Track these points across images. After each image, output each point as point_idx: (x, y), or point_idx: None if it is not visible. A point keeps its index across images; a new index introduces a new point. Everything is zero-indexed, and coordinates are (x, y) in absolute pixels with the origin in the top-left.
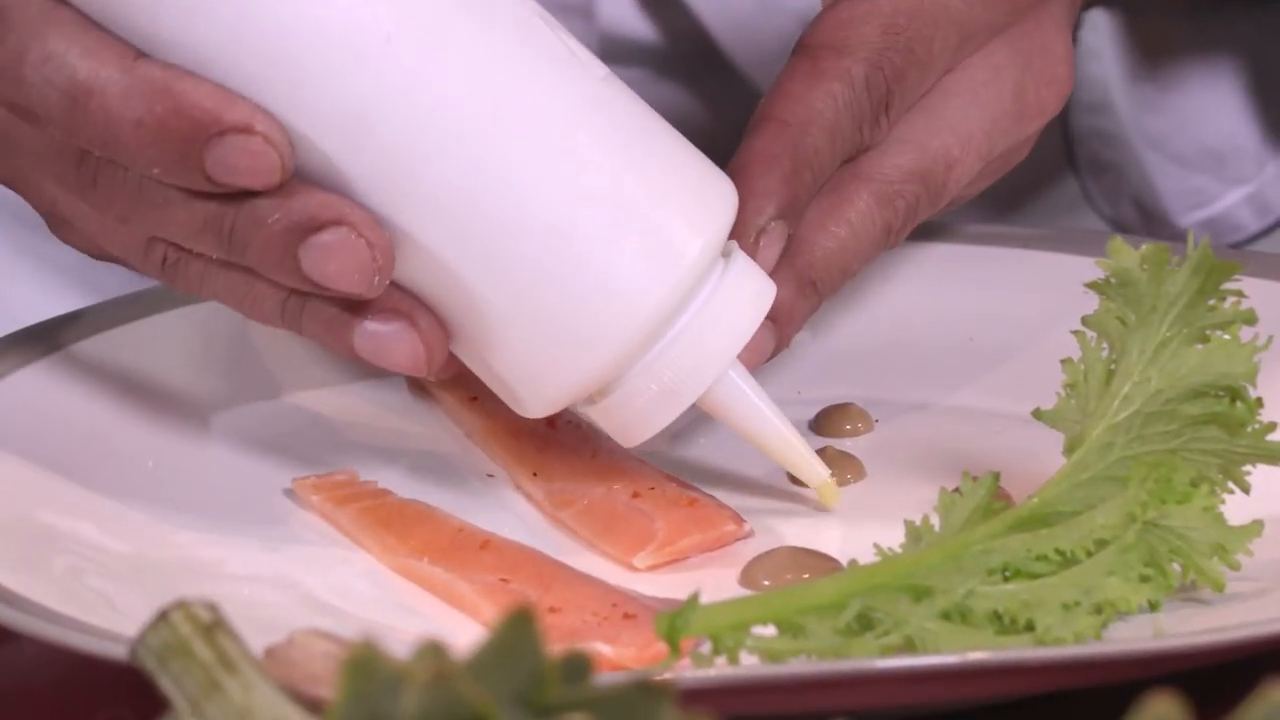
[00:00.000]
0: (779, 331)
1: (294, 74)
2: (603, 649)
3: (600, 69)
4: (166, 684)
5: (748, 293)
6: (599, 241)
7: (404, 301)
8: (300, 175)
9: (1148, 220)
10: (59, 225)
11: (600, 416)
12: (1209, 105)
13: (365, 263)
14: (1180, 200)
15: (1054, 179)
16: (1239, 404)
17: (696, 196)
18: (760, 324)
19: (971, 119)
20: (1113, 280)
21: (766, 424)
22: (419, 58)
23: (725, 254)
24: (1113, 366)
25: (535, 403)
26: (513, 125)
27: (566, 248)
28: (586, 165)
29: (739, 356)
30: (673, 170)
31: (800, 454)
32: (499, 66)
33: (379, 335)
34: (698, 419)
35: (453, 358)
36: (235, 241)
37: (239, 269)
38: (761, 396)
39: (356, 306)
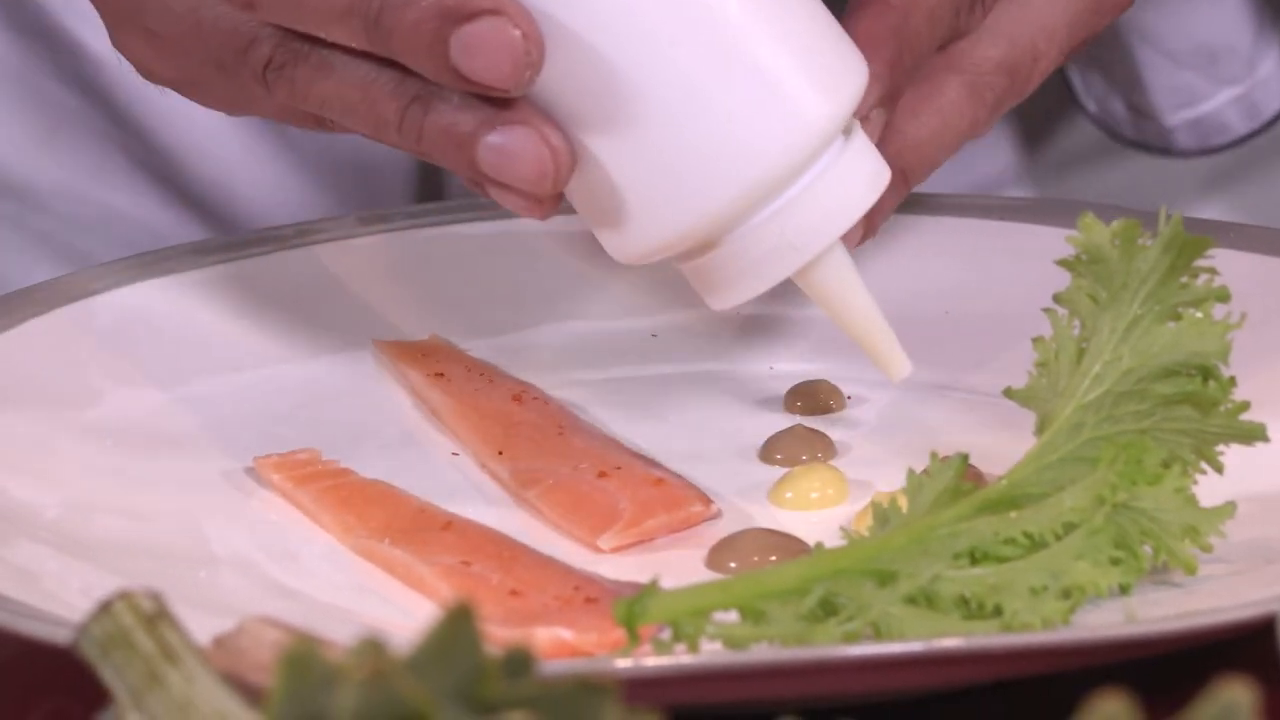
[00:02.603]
0: (868, 220)
1: None
2: (563, 633)
3: None
4: (109, 675)
5: (867, 169)
6: (734, 90)
7: (535, 116)
8: None
9: (1137, 118)
10: (124, 28)
11: (703, 271)
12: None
13: (518, 55)
14: (1169, 97)
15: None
16: (1211, 383)
17: (832, 65)
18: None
19: (1057, 12)
20: (1084, 257)
21: (862, 302)
22: None
23: (847, 131)
24: (1084, 345)
25: (642, 245)
26: None
27: (701, 90)
28: (736, 20)
29: None
30: (813, 36)
31: (887, 341)
32: None
33: (506, 147)
34: (662, 390)
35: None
36: (381, 25)
37: (364, 66)
38: (858, 277)
39: (483, 117)
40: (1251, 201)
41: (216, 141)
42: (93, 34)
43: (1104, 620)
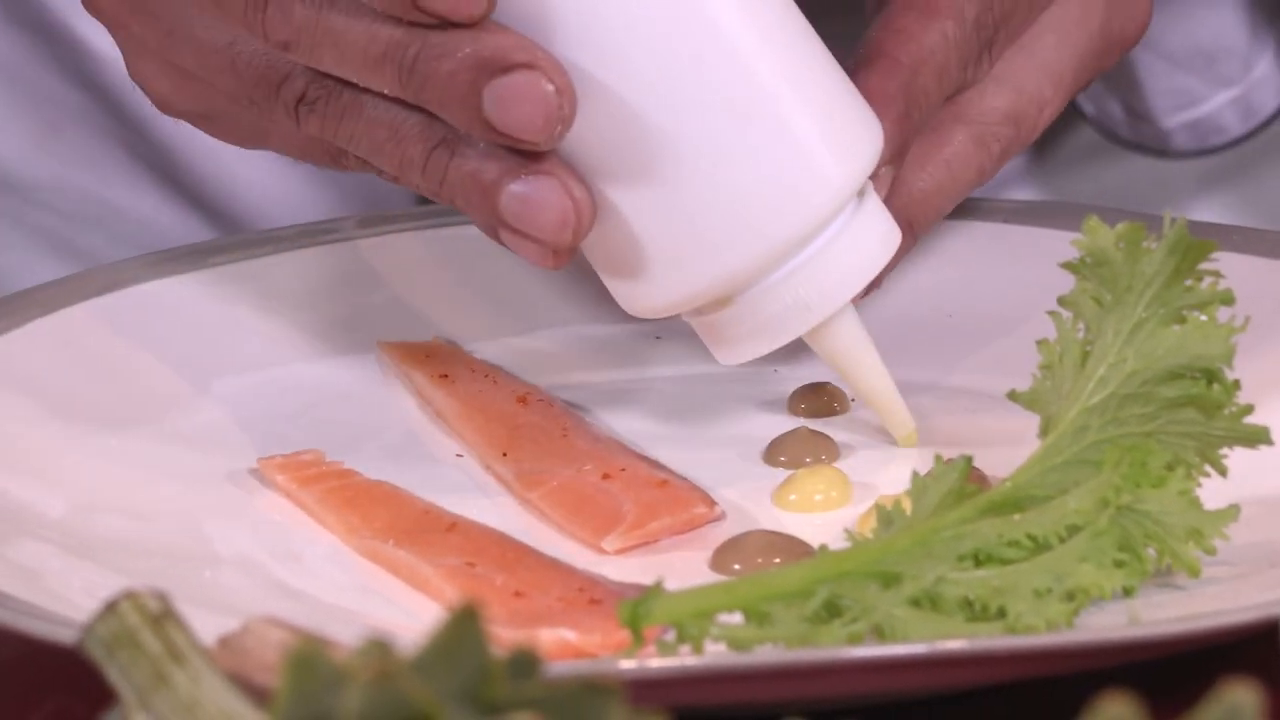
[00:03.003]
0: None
1: None
2: (567, 635)
3: None
4: (114, 675)
5: (879, 230)
6: (756, 153)
7: (559, 167)
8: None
9: (1134, 120)
10: (145, 58)
11: (715, 327)
12: (1202, 2)
13: (551, 110)
14: (1167, 100)
15: None
16: (1216, 386)
17: (849, 129)
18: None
19: (1064, 58)
20: (1088, 260)
21: (871, 362)
22: None
23: (861, 193)
24: (1088, 348)
25: (657, 300)
26: (698, 28)
27: (724, 151)
28: (760, 82)
29: None
30: (832, 99)
31: (894, 401)
32: None
33: (529, 197)
34: (666, 392)
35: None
36: (416, 73)
37: (394, 108)
38: (868, 336)
39: (508, 166)
40: (1247, 202)
41: (218, 141)
42: (94, 30)
43: (1108, 623)
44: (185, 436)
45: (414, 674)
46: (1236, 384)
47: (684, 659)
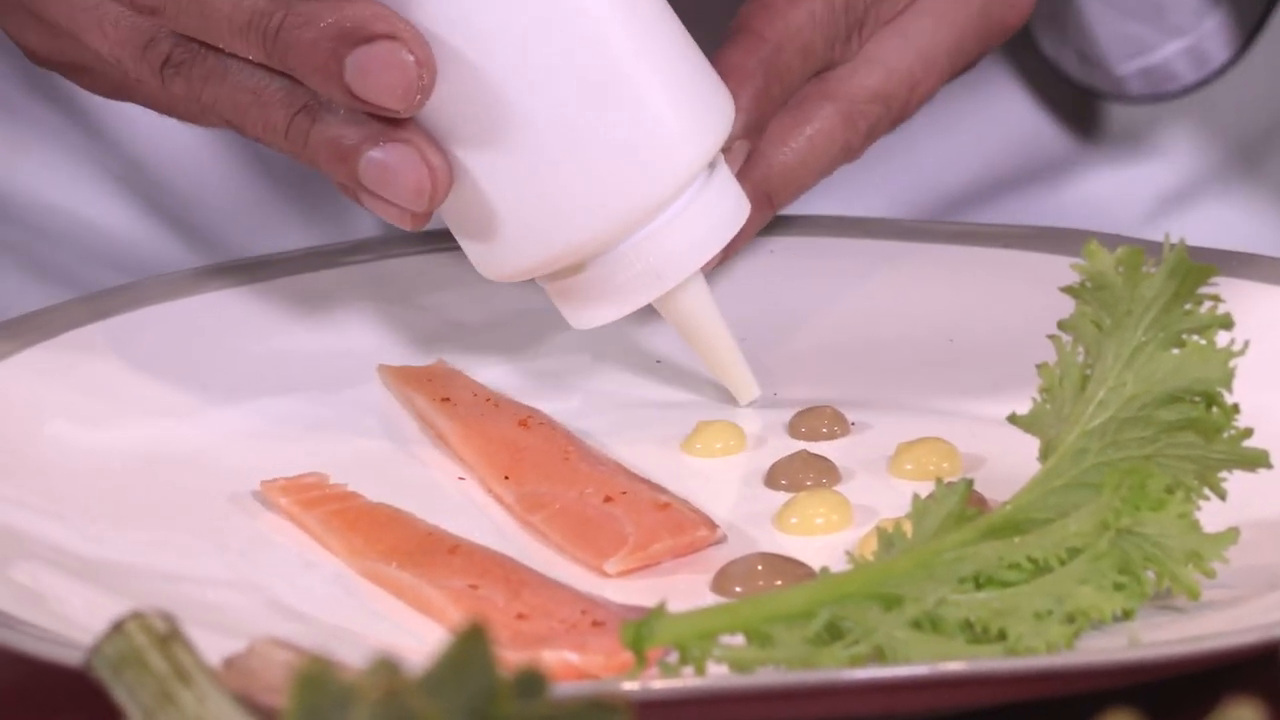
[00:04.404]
0: (726, 247)
1: None
2: (570, 657)
3: None
4: (121, 695)
5: (728, 202)
6: (609, 125)
7: (416, 134)
8: None
9: (1089, 69)
10: (16, 12)
11: (568, 292)
12: None
13: (410, 80)
14: (1119, 47)
15: None
16: (1215, 409)
17: (701, 105)
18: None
19: (939, 41)
20: (1088, 284)
21: (718, 330)
22: None
23: (712, 165)
24: (1088, 371)
25: (511, 264)
26: (554, 3)
27: (578, 122)
28: (613, 57)
29: None
30: (685, 76)
31: (739, 366)
32: None
33: (387, 163)
34: (667, 415)
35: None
36: (279, 41)
37: (258, 73)
38: (715, 304)
39: (367, 133)
40: (1198, 226)
41: (189, 156)
42: None
43: (1107, 645)
44: (188, 459)
45: (422, 693)
46: (1236, 408)
47: (686, 680)
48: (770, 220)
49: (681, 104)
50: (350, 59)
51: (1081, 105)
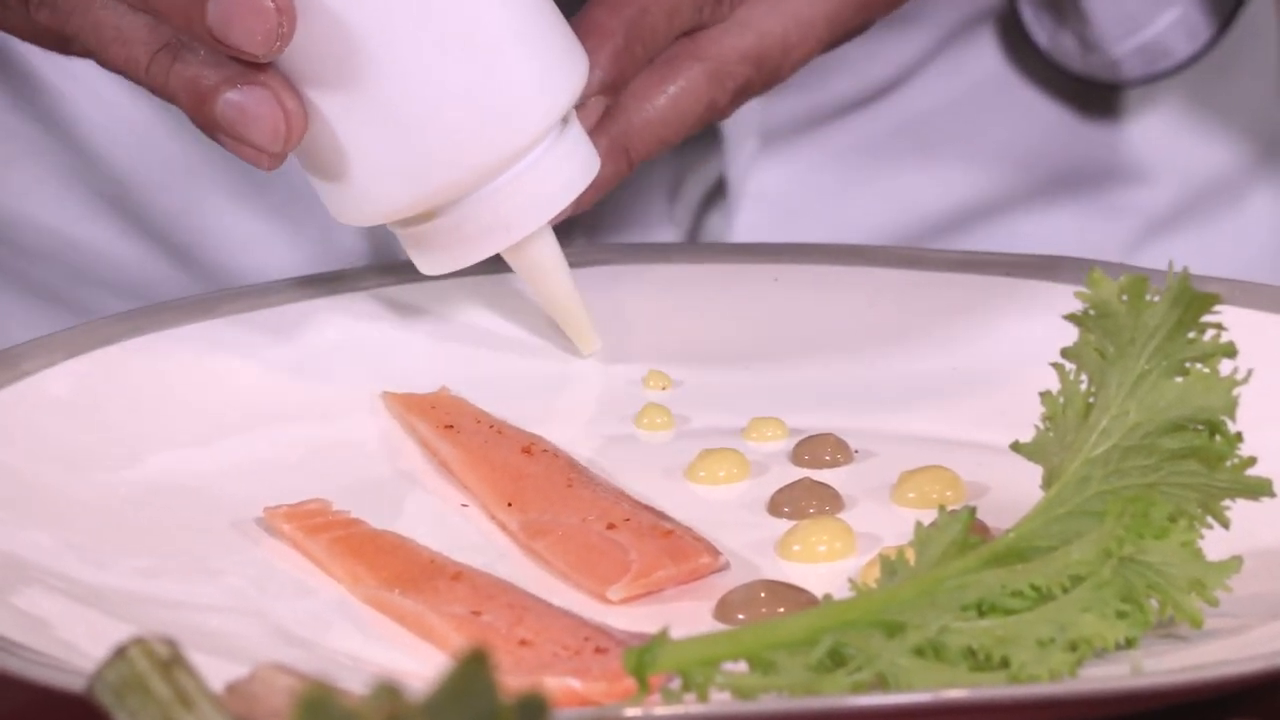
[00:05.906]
0: (579, 198)
1: None
2: (573, 683)
3: None
4: None
5: (579, 158)
6: (463, 77)
7: (274, 79)
8: None
9: (1086, 51)
10: None
11: (419, 238)
12: None
13: (270, 26)
14: (1115, 26)
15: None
16: (1218, 438)
17: (555, 61)
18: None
19: (816, 6)
20: (1091, 312)
21: (563, 282)
22: None
23: (565, 120)
24: (1091, 399)
25: (364, 209)
26: None
27: (433, 73)
28: (469, 13)
29: None
30: (540, 32)
31: (582, 319)
32: None
33: (244, 105)
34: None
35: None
36: None
37: (122, 7)
38: (562, 256)
39: (226, 75)
40: (1183, 255)
41: (174, 174)
42: (47, 64)
43: (1110, 673)
44: (191, 486)
45: (424, 718)
46: (1239, 436)
47: (689, 707)
48: (626, 175)
49: (535, 59)
50: (212, 3)
51: (1071, 129)
